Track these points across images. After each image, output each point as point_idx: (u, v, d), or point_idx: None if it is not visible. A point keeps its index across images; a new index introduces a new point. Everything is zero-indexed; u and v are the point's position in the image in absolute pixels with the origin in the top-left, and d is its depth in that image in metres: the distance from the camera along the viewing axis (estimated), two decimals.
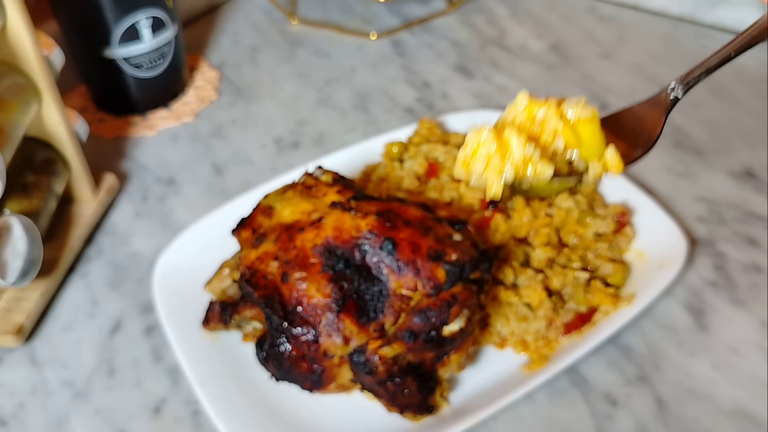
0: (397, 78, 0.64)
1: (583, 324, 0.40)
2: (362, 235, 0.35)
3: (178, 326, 0.40)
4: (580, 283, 0.41)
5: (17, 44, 0.40)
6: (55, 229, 0.47)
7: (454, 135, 0.52)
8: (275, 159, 0.56)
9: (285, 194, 0.39)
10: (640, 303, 0.40)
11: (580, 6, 0.74)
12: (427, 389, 0.35)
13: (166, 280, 0.43)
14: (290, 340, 0.34)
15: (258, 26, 0.72)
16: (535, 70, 0.65)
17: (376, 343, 0.34)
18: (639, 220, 0.46)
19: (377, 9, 0.74)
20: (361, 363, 0.34)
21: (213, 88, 0.64)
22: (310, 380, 0.35)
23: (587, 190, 0.47)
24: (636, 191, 0.48)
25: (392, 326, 0.34)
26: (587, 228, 0.44)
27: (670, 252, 0.43)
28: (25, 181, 0.44)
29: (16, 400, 0.40)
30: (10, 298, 0.42)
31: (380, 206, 0.36)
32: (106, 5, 0.52)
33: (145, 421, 0.38)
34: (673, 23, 0.71)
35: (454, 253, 0.34)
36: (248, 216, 0.39)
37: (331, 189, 0.38)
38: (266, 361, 0.36)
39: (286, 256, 0.35)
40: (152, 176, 0.54)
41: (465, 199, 0.46)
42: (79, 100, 0.62)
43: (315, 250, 0.35)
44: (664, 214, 0.46)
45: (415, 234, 0.34)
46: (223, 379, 0.38)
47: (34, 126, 0.45)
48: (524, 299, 0.40)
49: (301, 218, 0.37)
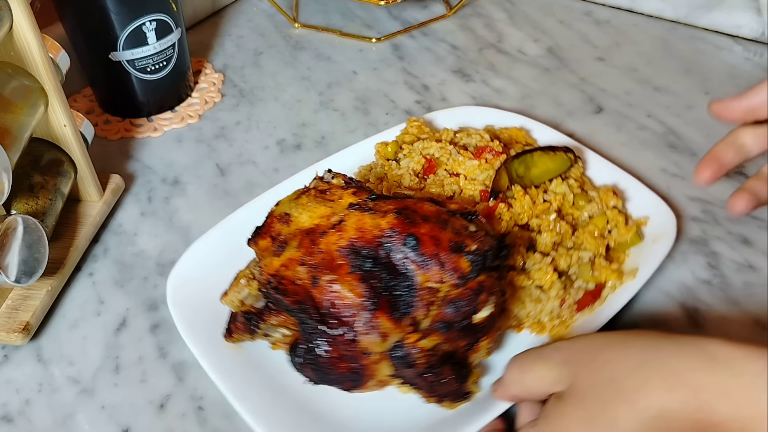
0: (397, 81, 0.65)
1: (593, 300, 0.42)
2: (384, 233, 0.35)
3: (201, 340, 0.40)
4: (585, 262, 0.43)
5: (24, 47, 0.41)
6: (61, 229, 0.47)
7: (445, 131, 0.53)
8: (278, 160, 0.57)
9: (299, 200, 0.39)
10: (644, 275, 0.42)
11: (576, 10, 0.75)
12: (462, 377, 0.37)
13: (179, 294, 0.42)
14: (328, 342, 0.35)
15: (261, 30, 0.73)
16: (531, 73, 0.66)
17: (414, 336, 0.35)
18: (627, 200, 0.49)
19: (378, 13, 0.75)
20: (401, 357, 0.35)
21: (217, 90, 0.64)
22: (349, 380, 0.36)
23: (577, 174, 0.49)
24: (621, 174, 0.50)
25: (423, 319, 0.35)
26: (582, 210, 0.46)
27: (662, 227, 0.45)
28: (32, 181, 0.45)
29: (23, 396, 0.40)
30: (16, 297, 0.43)
31: (397, 204, 0.37)
32: (111, 9, 0.52)
33: (151, 417, 0.39)
34: (668, 26, 0.72)
35: (473, 244, 0.35)
36: (263, 225, 0.39)
37: (345, 192, 0.38)
38: (303, 366, 0.36)
39: (312, 260, 0.35)
40: (157, 177, 0.55)
41: (466, 191, 0.47)
42: (85, 102, 0.63)
43: (340, 252, 0.35)
44: (650, 192, 0.48)
45: (434, 228, 0.35)
46: (257, 388, 0.38)
47: (40, 127, 0.46)
48: (536, 282, 0.42)
49: (320, 222, 0.37)
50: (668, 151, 0.56)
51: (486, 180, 0.47)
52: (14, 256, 0.38)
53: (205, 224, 0.51)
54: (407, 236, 0.35)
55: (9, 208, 0.43)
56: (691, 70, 0.66)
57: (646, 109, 0.61)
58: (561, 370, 0.31)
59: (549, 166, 0.48)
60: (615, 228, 0.46)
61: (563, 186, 0.47)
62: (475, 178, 0.47)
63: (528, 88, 0.64)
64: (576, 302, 0.42)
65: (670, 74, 0.65)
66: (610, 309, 0.41)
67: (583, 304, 0.42)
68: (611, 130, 0.59)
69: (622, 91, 0.63)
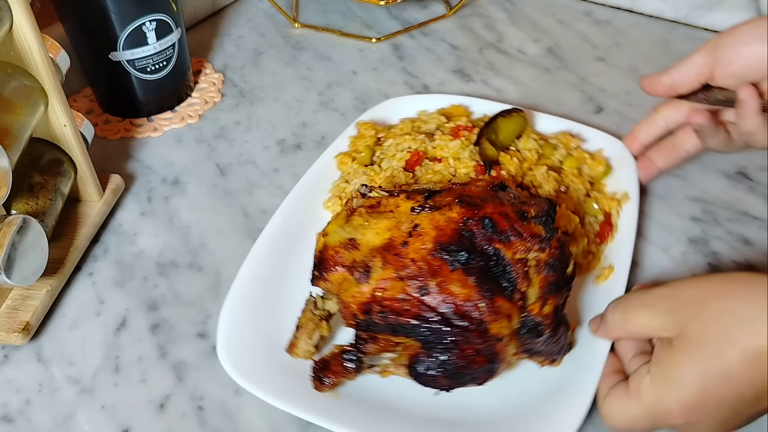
0: (397, 81, 0.65)
1: (610, 228, 0.47)
2: (460, 224, 0.36)
3: (290, 399, 0.37)
4: (583, 198, 0.48)
5: (24, 47, 0.41)
6: (61, 229, 0.47)
7: (403, 123, 0.54)
8: (278, 160, 0.57)
9: (352, 222, 0.38)
10: (634, 194, 0.48)
11: (576, 10, 0.75)
12: (567, 330, 0.38)
13: (233, 356, 0.39)
14: (458, 343, 0.35)
15: (261, 30, 0.73)
16: (531, 72, 0.66)
17: (537, 306, 0.36)
18: (582, 142, 0.54)
19: (378, 13, 0.75)
20: (531, 330, 0.36)
21: (217, 90, 0.64)
22: (485, 372, 0.36)
23: (530, 130, 0.53)
24: (564, 122, 0.55)
25: (528, 289, 0.36)
26: (552, 156, 0.51)
27: (618, 155, 0.52)
28: (32, 181, 0.45)
29: (23, 397, 0.40)
30: (16, 297, 0.43)
31: (452, 194, 0.38)
32: (111, 9, 0.52)
33: (151, 417, 0.39)
34: (668, 26, 0.72)
35: (531, 208, 0.37)
36: (323, 260, 0.38)
37: (397, 199, 0.39)
38: (434, 378, 0.36)
39: (409, 272, 0.35)
40: (157, 177, 0.55)
41: (460, 171, 0.48)
42: (85, 102, 0.63)
43: (432, 255, 0.35)
44: (594, 129, 0.54)
45: (496, 205, 0.37)
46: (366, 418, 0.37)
47: (40, 127, 0.46)
48: (562, 229, 0.45)
49: (392, 235, 0.37)
50: None
51: (471, 156, 0.49)
52: (14, 256, 0.38)
53: (205, 224, 0.51)
54: (483, 219, 0.36)
55: (9, 208, 0.43)
56: None
57: (646, 109, 0.61)
58: (667, 318, 0.33)
59: (511, 128, 0.52)
60: (585, 164, 0.51)
61: (530, 142, 0.51)
62: (460, 157, 0.49)
63: (528, 88, 0.64)
64: (596, 235, 0.46)
65: None
66: (631, 229, 0.46)
67: (603, 235, 0.46)
68: (611, 130, 0.59)
69: (622, 91, 0.63)
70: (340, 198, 0.49)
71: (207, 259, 0.48)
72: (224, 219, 0.51)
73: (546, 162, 0.50)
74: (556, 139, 0.53)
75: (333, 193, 0.50)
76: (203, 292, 0.46)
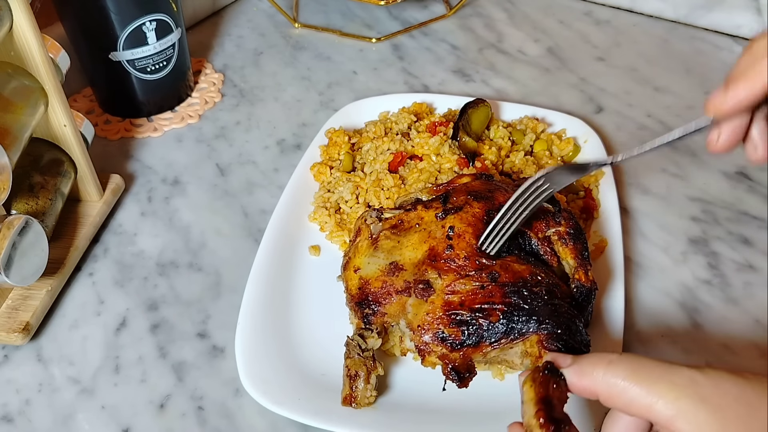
0: (397, 81, 0.65)
1: (594, 205, 0.49)
2: (484, 217, 0.38)
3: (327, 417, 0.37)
4: None
5: (24, 47, 0.41)
6: (61, 229, 0.47)
7: (376, 125, 0.54)
8: (278, 160, 0.57)
9: (382, 246, 0.38)
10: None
11: (576, 10, 0.75)
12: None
13: (260, 388, 0.38)
14: (556, 303, 0.36)
15: (261, 30, 0.73)
16: (531, 73, 0.66)
17: (580, 273, 0.38)
18: (548, 127, 0.56)
19: (378, 13, 0.75)
20: (586, 296, 0.38)
21: (217, 90, 0.64)
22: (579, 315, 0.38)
23: (496, 119, 0.55)
24: (526, 108, 0.57)
25: (557, 265, 0.39)
26: (522, 141, 0.53)
27: (583, 132, 0.55)
28: (32, 181, 0.45)
29: (23, 396, 0.40)
30: (16, 297, 0.43)
31: (462, 193, 0.40)
32: (111, 9, 0.52)
33: (151, 417, 0.39)
34: (668, 26, 0.72)
35: None
36: (371, 294, 0.37)
37: (415, 213, 0.40)
38: (568, 341, 0.34)
39: (469, 270, 0.36)
40: (157, 177, 0.55)
41: (444, 166, 0.49)
42: (85, 102, 0.63)
43: (479, 249, 0.37)
44: (558, 112, 0.57)
45: (503, 193, 0.40)
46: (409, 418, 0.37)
47: (40, 127, 0.46)
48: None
49: (430, 244, 0.37)
50: (668, 151, 0.56)
51: (452, 150, 0.49)
52: (14, 256, 0.38)
53: (205, 224, 0.51)
54: (500, 208, 0.38)
55: (9, 208, 0.43)
56: (691, 70, 0.66)
57: (646, 109, 0.61)
58: (698, 408, 0.26)
59: (480, 119, 0.53)
60: (555, 146, 0.53)
61: (501, 130, 0.53)
62: (441, 152, 0.49)
63: (528, 88, 0.64)
64: (581, 212, 0.48)
65: (670, 74, 0.65)
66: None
67: (590, 211, 0.48)
68: (611, 130, 0.59)
69: (622, 91, 0.63)
70: (326, 209, 0.49)
71: (207, 259, 0.48)
72: (224, 219, 0.51)
73: (518, 148, 0.52)
74: (523, 124, 0.55)
75: (318, 205, 0.49)
76: (203, 292, 0.46)
